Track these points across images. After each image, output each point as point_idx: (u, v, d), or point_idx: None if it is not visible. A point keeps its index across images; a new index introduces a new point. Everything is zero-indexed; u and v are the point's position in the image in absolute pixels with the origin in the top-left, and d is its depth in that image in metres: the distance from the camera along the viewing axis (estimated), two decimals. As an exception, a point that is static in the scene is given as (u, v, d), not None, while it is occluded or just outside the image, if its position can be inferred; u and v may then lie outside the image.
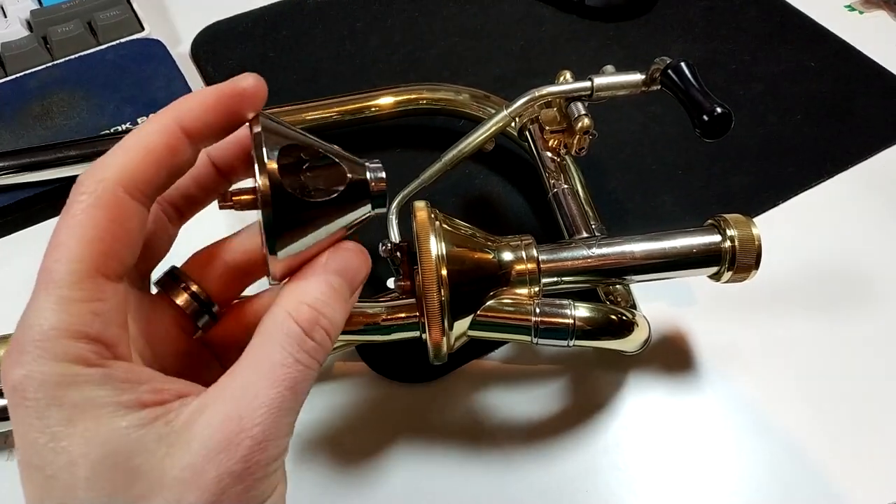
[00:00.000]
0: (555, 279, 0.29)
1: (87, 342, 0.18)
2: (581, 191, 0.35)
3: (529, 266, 0.28)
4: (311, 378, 0.20)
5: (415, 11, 0.52)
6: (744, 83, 0.46)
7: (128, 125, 0.43)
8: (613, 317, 0.29)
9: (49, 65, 0.46)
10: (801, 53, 0.48)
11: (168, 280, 0.23)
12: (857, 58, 0.47)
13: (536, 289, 0.28)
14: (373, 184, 0.22)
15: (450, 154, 0.34)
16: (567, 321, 0.28)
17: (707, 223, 0.30)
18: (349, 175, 0.21)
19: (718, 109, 0.28)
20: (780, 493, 0.29)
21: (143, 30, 0.49)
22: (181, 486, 0.17)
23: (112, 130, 0.42)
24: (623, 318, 0.29)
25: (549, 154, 0.35)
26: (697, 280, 0.31)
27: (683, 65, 0.30)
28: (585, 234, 0.32)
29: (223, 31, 0.51)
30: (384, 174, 0.22)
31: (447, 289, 0.25)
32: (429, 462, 0.31)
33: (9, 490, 0.30)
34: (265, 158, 0.19)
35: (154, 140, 0.19)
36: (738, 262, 0.28)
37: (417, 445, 0.31)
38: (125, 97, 0.44)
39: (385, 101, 0.41)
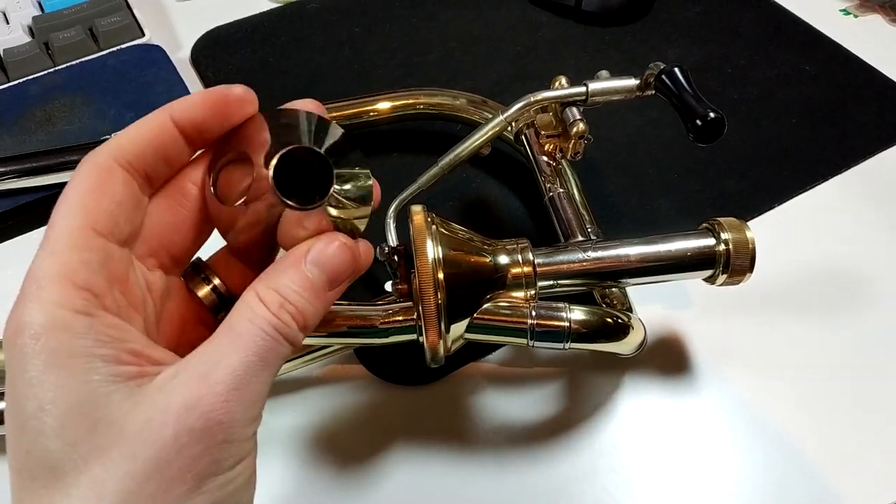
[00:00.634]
0: (551, 282, 0.29)
1: (77, 289, 0.18)
2: (577, 194, 0.35)
3: (525, 269, 0.28)
4: (280, 351, 0.20)
5: (413, 17, 0.52)
6: (739, 87, 0.46)
7: (128, 130, 0.43)
8: (609, 320, 0.29)
9: (51, 70, 0.47)
10: (797, 57, 0.48)
11: (191, 272, 0.24)
12: (852, 61, 0.48)
13: (532, 292, 0.28)
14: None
15: (447, 158, 0.35)
16: (563, 324, 0.28)
17: (701, 227, 0.30)
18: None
19: (711, 114, 0.28)
20: (776, 494, 0.30)
21: (144, 35, 0.49)
22: (138, 440, 0.18)
23: (113, 135, 0.43)
24: (619, 321, 0.30)
25: (545, 158, 0.35)
26: (693, 283, 0.31)
27: (677, 70, 0.30)
28: (581, 238, 0.32)
29: (223, 37, 0.52)
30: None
31: (444, 292, 0.26)
32: (426, 464, 0.31)
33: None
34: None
35: (145, 123, 0.22)
36: (733, 266, 0.28)
37: (414, 448, 0.31)
38: (126, 102, 0.45)
39: (383, 106, 0.42)
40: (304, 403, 0.33)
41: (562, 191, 0.34)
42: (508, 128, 0.34)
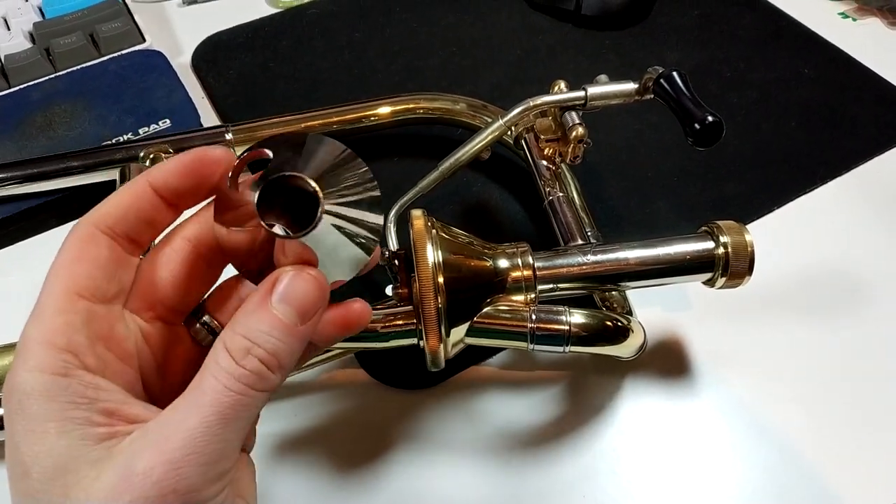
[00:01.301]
0: (551, 286, 0.29)
1: (57, 351, 0.19)
2: (577, 198, 0.35)
3: (525, 273, 0.28)
4: (247, 404, 0.20)
5: (413, 22, 0.53)
6: (738, 90, 0.46)
7: (129, 135, 0.43)
8: (609, 323, 0.29)
9: (52, 76, 0.47)
10: (795, 60, 0.48)
11: (190, 317, 0.24)
12: (851, 65, 0.48)
13: (532, 295, 0.28)
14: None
15: (447, 163, 0.35)
16: (563, 327, 0.28)
17: (701, 230, 0.30)
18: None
19: (710, 118, 0.28)
20: (777, 496, 0.30)
21: (145, 41, 0.49)
22: None
23: (114, 141, 0.43)
24: (618, 324, 0.30)
25: (545, 162, 0.35)
26: (693, 285, 0.31)
27: (675, 74, 0.30)
28: (581, 241, 0.32)
29: (224, 42, 0.52)
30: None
31: (444, 296, 0.26)
32: (426, 468, 0.31)
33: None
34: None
35: (125, 190, 0.23)
36: (732, 269, 0.29)
37: (415, 451, 0.31)
38: (127, 108, 0.45)
39: (383, 111, 0.42)
40: (306, 408, 0.33)
41: (561, 194, 0.34)
42: (508, 132, 0.34)
